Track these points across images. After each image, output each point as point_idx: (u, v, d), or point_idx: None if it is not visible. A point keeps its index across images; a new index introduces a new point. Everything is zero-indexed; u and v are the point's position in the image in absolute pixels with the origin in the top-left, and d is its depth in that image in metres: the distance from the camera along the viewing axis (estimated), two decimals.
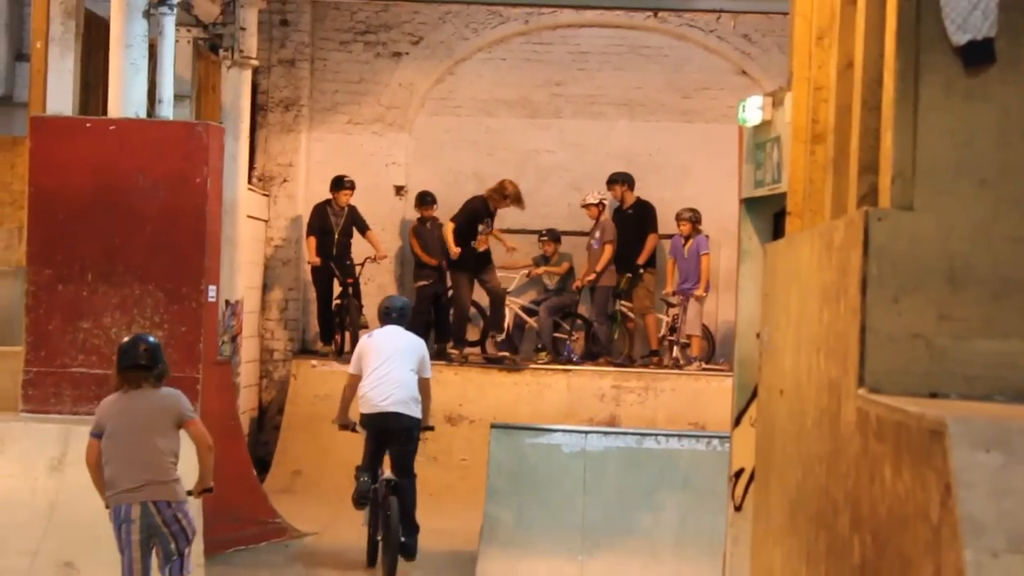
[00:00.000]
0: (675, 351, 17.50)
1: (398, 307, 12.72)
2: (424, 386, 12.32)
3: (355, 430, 12.48)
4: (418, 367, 12.31)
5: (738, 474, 9.19)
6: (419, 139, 18.64)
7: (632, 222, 17.73)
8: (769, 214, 9.30)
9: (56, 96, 13.06)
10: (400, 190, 18.52)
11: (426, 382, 12.36)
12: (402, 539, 12.02)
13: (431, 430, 12.83)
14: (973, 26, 4.70)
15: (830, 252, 5.34)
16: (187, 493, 9.06)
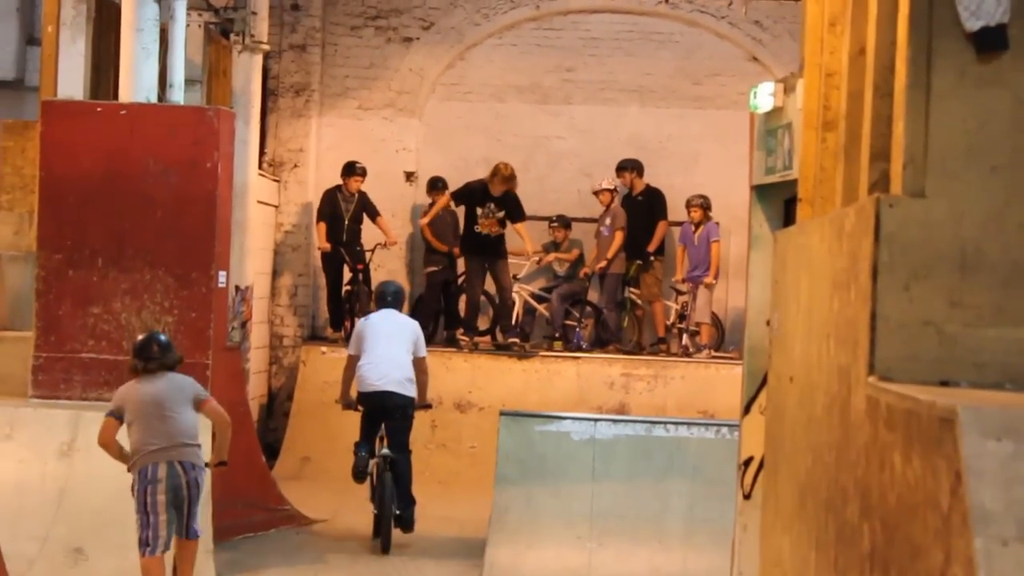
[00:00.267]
0: (684, 339, 17.49)
1: (392, 291, 13.39)
2: (420, 365, 13.00)
3: (357, 409, 13.07)
4: (413, 347, 12.93)
5: (747, 462, 9.18)
6: (429, 125, 18.63)
7: (642, 209, 17.71)
8: (780, 201, 9.29)
9: (67, 80, 13.06)
10: (410, 176, 18.50)
11: (422, 361, 13.04)
12: (397, 511, 12.67)
13: (428, 408, 13.44)
14: (986, 12, 4.68)
15: (841, 239, 5.32)
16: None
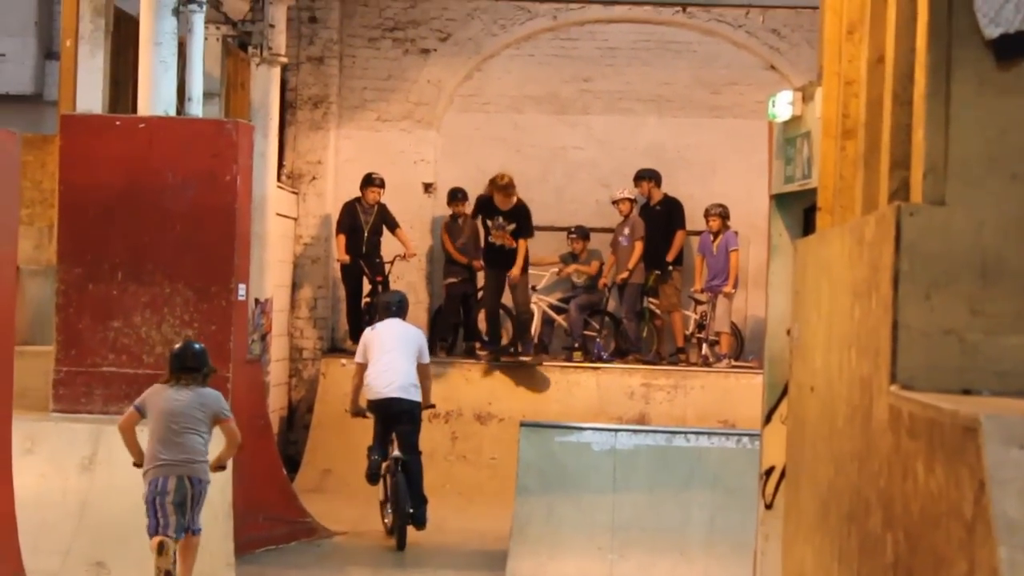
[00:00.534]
0: (704, 348, 17.46)
1: (396, 301, 14.09)
2: (424, 371, 13.64)
3: (366, 416, 13.71)
4: (417, 354, 13.55)
5: (769, 472, 9.15)
6: (447, 136, 18.64)
7: (660, 219, 17.69)
8: (799, 210, 9.27)
9: (86, 94, 13.10)
10: (429, 187, 18.51)
11: (425, 367, 13.68)
12: (411, 510, 13.21)
13: (432, 408, 14.03)
14: (1006, 19, 4.66)
15: (861, 248, 5.31)
16: None
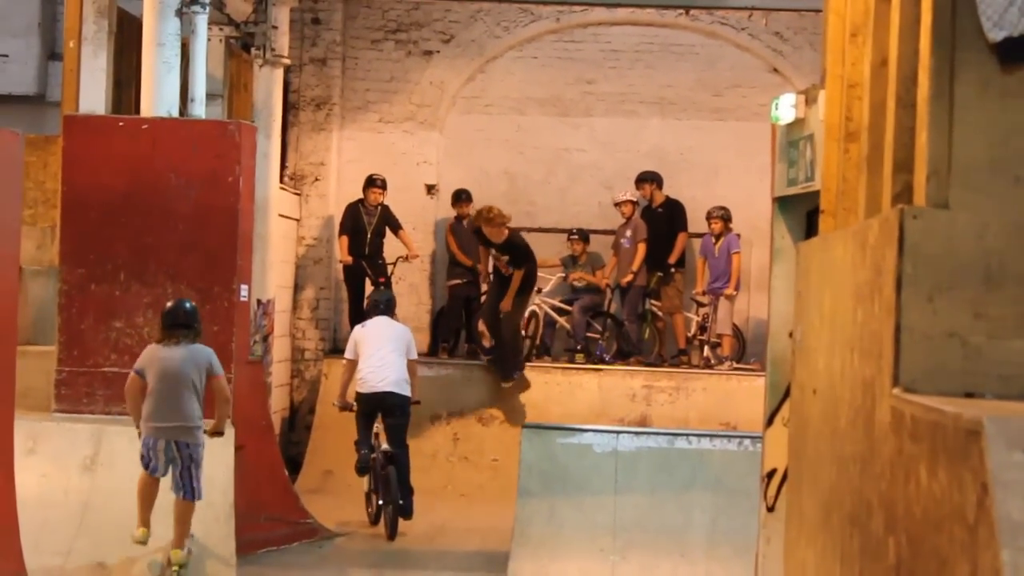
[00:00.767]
0: (705, 351, 17.46)
1: (384, 300, 14.72)
2: (411, 367, 14.14)
3: (352, 410, 14.13)
4: (406, 351, 14.05)
5: (771, 474, 9.14)
6: (450, 138, 18.64)
7: (662, 221, 17.69)
8: (802, 213, 9.26)
9: (89, 95, 13.12)
10: (431, 189, 18.51)
11: (412, 363, 14.19)
12: (400, 501, 13.75)
13: (418, 403, 14.41)
14: (1009, 23, 4.66)
15: (864, 251, 5.30)
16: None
